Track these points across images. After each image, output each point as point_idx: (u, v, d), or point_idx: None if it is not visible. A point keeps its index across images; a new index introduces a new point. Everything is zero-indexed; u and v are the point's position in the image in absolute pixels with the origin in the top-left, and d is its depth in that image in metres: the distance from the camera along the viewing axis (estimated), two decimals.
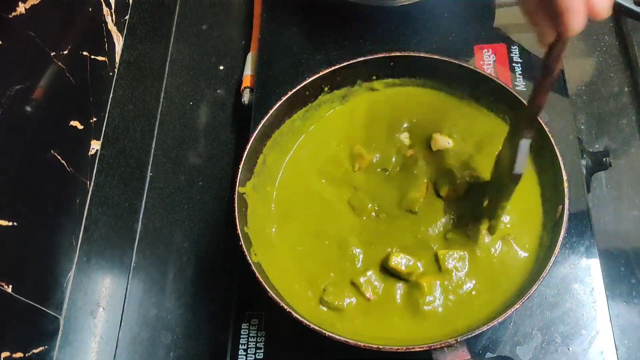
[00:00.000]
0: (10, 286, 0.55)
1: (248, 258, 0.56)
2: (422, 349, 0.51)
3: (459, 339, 0.51)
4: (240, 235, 0.57)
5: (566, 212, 0.55)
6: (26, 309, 0.57)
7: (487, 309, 0.56)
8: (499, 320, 0.51)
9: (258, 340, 0.63)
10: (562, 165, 0.56)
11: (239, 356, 0.62)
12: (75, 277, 0.65)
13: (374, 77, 0.67)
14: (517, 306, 0.51)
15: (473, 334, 0.51)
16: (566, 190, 0.55)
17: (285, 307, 0.53)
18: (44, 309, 0.60)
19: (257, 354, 0.62)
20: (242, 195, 0.61)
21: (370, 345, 0.51)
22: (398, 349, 0.51)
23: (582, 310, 0.61)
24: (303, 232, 0.64)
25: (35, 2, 0.60)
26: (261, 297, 0.54)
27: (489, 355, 0.60)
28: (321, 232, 0.63)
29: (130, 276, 0.75)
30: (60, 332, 0.62)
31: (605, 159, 0.71)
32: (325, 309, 0.59)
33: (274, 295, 0.54)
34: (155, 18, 0.86)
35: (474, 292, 0.58)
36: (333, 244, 0.62)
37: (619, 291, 0.69)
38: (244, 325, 0.64)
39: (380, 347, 0.51)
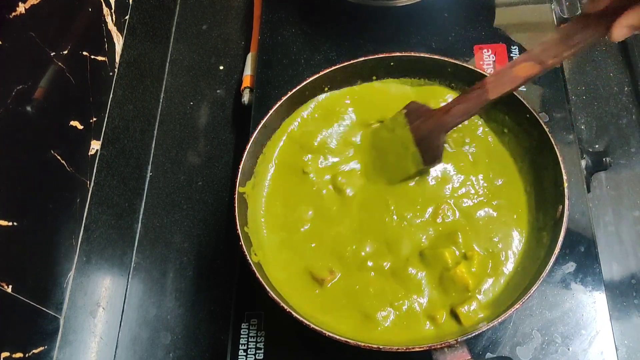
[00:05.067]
0: (10, 286, 0.55)
1: (248, 258, 0.56)
2: (422, 349, 0.51)
3: (459, 339, 0.51)
4: (240, 235, 0.57)
5: (566, 212, 0.54)
6: (26, 309, 0.57)
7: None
8: (499, 320, 0.51)
9: (258, 340, 0.63)
10: (562, 165, 0.56)
11: (239, 356, 0.62)
12: (75, 277, 0.65)
13: (374, 77, 0.67)
14: (517, 306, 0.51)
15: (473, 334, 0.51)
16: (566, 190, 0.55)
17: (285, 307, 0.53)
18: (44, 309, 0.60)
19: (257, 354, 0.62)
20: (242, 195, 0.61)
21: (370, 345, 0.51)
22: (398, 349, 0.51)
23: (582, 310, 0.61)
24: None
25: (35, 2, 0.60)
26: (261, 297, 0.54)
27: (489, 355, 0.60)
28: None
29: (130, 276, 0.75)
30: (60, 332, 0.62)
31: (605, 159, 0.71)
32: None
33: (274, 296, 0.54)
34: (155, 18, 0.86)
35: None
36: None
37: (619, 291, 0.69)
38: (243, 325, 0.64)
39: (381, 347, 0.51)
